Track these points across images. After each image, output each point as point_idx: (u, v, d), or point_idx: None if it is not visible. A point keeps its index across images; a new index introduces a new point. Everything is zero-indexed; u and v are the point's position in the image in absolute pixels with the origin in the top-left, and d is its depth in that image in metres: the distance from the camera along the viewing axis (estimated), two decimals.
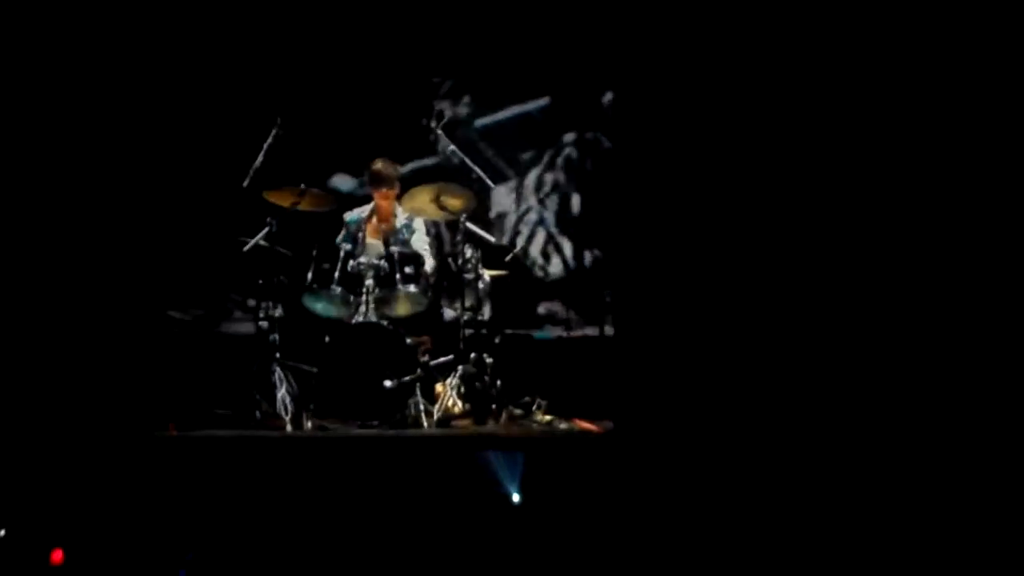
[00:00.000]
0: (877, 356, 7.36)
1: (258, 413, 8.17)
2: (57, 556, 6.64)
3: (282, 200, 8.38)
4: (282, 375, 8.25)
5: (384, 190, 8.80)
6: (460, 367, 8.34)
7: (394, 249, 8.46)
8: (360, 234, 8.83)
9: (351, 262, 8.38)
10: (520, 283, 9.04)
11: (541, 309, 9.55)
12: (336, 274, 8.33)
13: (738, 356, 7.54)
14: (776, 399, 7.44)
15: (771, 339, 7.52)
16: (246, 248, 8.41)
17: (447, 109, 9.41)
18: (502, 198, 9.67)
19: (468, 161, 8.76)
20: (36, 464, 7.39)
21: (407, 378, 8.16)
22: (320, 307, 8.43)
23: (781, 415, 7.41)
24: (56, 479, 7.37)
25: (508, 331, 8.97)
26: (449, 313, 8.61)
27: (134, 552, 6.95)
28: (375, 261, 8.40)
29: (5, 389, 7.63)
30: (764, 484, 7.23)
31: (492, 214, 9.77)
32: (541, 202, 9.71)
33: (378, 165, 8.84)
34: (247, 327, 9.00)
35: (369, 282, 8.37)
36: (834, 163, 7.46)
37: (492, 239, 8.98)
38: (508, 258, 9.01)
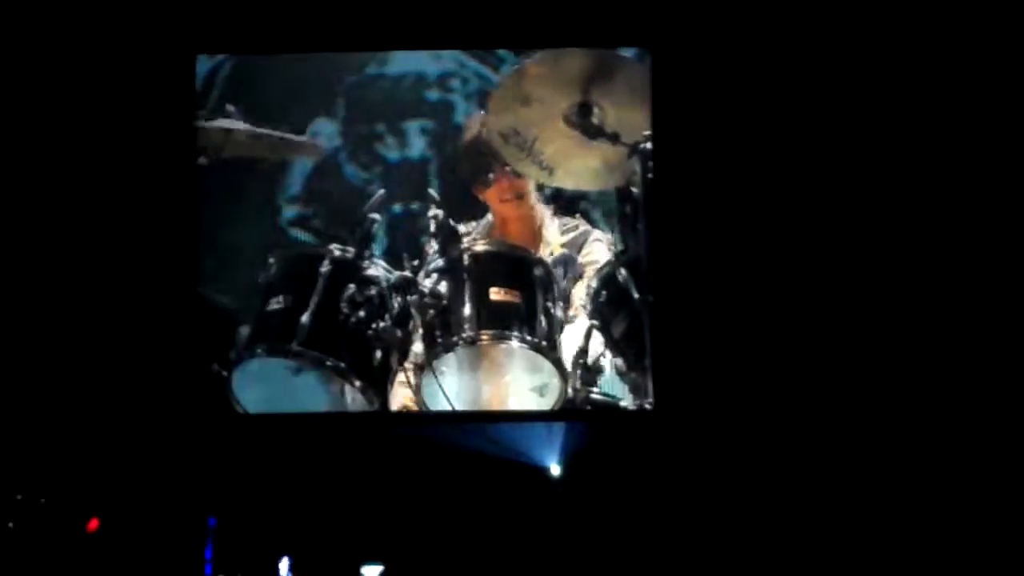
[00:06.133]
0: (926, 370, 7.33)
1: None
2: (93, 525, 6.75)
3: None
4: None
5: None
6: None
7: None
8: None
9: None
10: None
11: None
12: None
13: (781, 330, 7.49)
14: (817, 374, 7.40)
15: (810, 316, 7.48)
16: None
17: None
18: None
19: None
20: (75, 440, 7.35)
21: None
22: None
23: (822, 392, 7.37)
24: (95, 455, 7.32)
25: None
26: None
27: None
28: None
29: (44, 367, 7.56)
30: (802, 464, 7.20)
31: None
32: None
33: None
34: None
35: None
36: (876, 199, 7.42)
37: None
38: None
